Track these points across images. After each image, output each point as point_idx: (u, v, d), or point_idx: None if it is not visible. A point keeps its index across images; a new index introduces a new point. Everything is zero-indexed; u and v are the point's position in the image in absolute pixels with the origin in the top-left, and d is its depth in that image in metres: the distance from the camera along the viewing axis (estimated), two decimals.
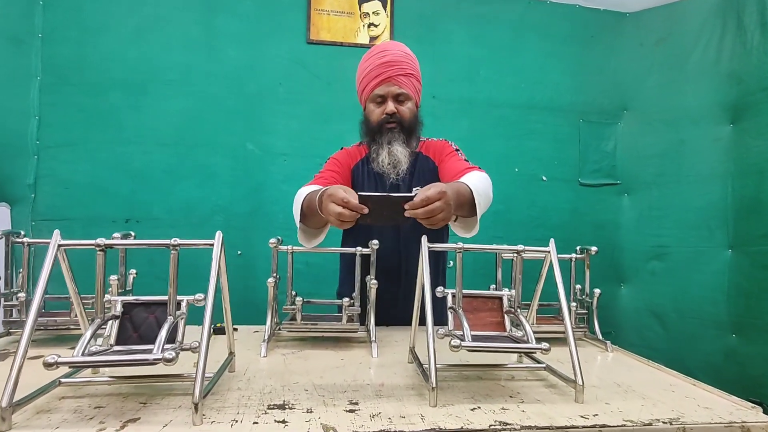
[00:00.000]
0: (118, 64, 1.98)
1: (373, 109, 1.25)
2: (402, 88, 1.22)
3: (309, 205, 1.07)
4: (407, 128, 1.25)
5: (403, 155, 1.22)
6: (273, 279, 1.02)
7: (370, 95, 1.24)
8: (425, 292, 0.78)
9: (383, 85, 1.21)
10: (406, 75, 1.23)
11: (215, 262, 0.72)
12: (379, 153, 1.23)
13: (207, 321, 0.68)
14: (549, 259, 0.83)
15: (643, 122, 2.28)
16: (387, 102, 1.22)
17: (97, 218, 1.95)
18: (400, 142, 1.23)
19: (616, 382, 0.84)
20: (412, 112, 1.26)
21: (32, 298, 0.96)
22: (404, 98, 1.24)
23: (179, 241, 0.74)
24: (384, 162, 1.22)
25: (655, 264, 2.21)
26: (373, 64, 1.22)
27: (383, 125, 1.23)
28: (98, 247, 0.73)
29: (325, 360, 0.94)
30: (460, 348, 0.73)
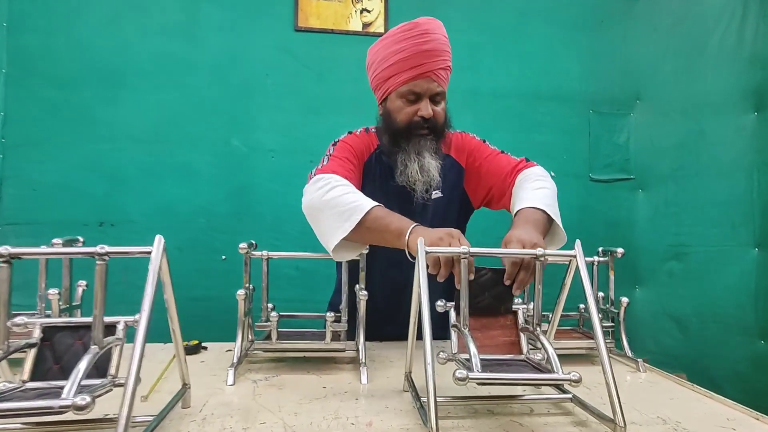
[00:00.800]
0: (91, 55, 1.83)
1: (401, 106, 1.02)
2: (441, 85, 1.02)
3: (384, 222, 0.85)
4: (440, 133, 1.05)
5: (436, 170, 1.02)
6: (244, 291, 0.87)
7: (400, 88, 1.01)
8: (422, 306, 0.62)
9: (422, 80, 0.99)
10: (446, 68, 1.03)
11: (153, 273, 0.57)
12: (408, 165, 1.02)
13: (138, 348, 0.52)
14: (575, 265, 0.67)
15: (659, 112, 2.12)
16: (423, 102, 1.00)
17: (68, 221, 1.80)
18: (431, 153, 1.02)
19: (660, 417, 0.68)
20: (445, 112, 1.06)
21: None
22: (440, 98, 1.04)
23: (108, 249, 0.58)
24: (415, 178, 1.01)
25: (674, 265, 2.04)
26: (413, 49, 0.97)
27: (413, 130, 1.02)
28: (1, 258, 0.57)
29: (304, 388, 0.78)
30: (467, 381, 0.57)
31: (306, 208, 0.94)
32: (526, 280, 0.73)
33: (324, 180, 0.93)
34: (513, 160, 1.10)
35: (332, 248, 0.87)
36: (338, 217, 0.87)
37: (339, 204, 0.87)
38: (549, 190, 0.98)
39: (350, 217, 0.85)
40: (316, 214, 0.91)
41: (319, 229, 0.91)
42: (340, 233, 0.85)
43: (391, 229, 0.84)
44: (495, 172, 1.09)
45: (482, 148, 1.14)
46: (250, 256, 0.91)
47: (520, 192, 0.98)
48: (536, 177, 1.01)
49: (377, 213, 0.86)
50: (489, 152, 1.13)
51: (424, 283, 0.63)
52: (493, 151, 1.14)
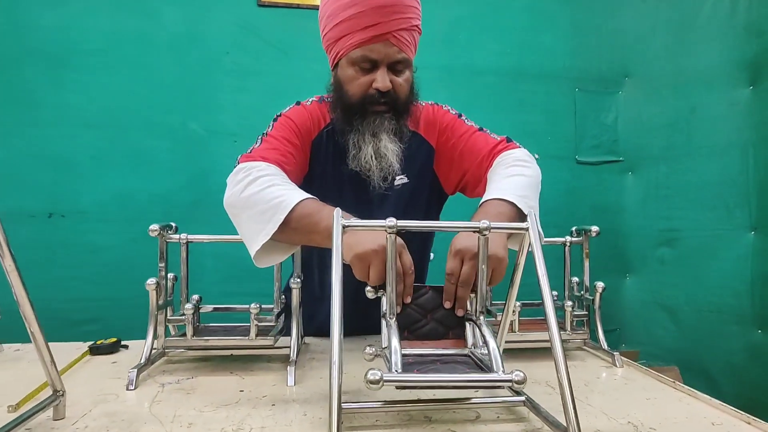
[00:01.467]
0: (33, 33, 1.69)
1: (354, 75, 0.84)
2: (403, 51, 0.83)
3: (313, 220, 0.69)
4: (401, 111, 0.87)
5: (395, 155, 0.86)
6: (155, 280, 0.74)
7: (351, 53, 0.83)
8: (334, 294, 0.50)
9: (378, 44, 0.81)
10: (410, 28, 0.83)
11: None
12: (362, 147, 0.86)
13: None
14: (528, 240, 0.55)
15: (648, 89, 1.99)
16: (379, 71, 0.82)
17: (14, 213, 1.66)
18: (390, 135, 0.86)
19: (632, 423, 0.56)
20: (409, 84, 0.88)
21: None
22: (403, 66, 0.85)
23: None
24: (369, 164, 0.86)
25: (665, 251, 1.93)
26: (367, 3, 0.79)
27: (368, 105, 0.85)
28: None
29: (217, 392, 0.66)
30: (381, 384, 0.45)
31: (227, 206, 0.78)
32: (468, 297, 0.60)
33: (245, 170, 0.76)
34: (492, 140, 0.92)
35: (254, 254, 0.73)
36: (259, 217, 0.71)
37: (260, 201, 0.72)
38: (527, 177, 0.82)
39: (272, 217, 0.70)
40: (238, 213, 0.75)
41: (240, 231, 0.76)
42: (261, 237, 0.70)
43: (320, 230, 0.68)
44: (470, 154, 0.91)
45: (457, 125, 0.96)
46: (166, 240, 0.79)
47: (492, 179, 0.83)
48: (514, 161, 0.84)
49: (304, 210, 0.70)
50: (465, 130, 0.95)
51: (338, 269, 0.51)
52: (469, 128, 0.96)
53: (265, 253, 0.73)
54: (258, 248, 0.71)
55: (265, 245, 0.71)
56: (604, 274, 1.96)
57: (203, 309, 0.87)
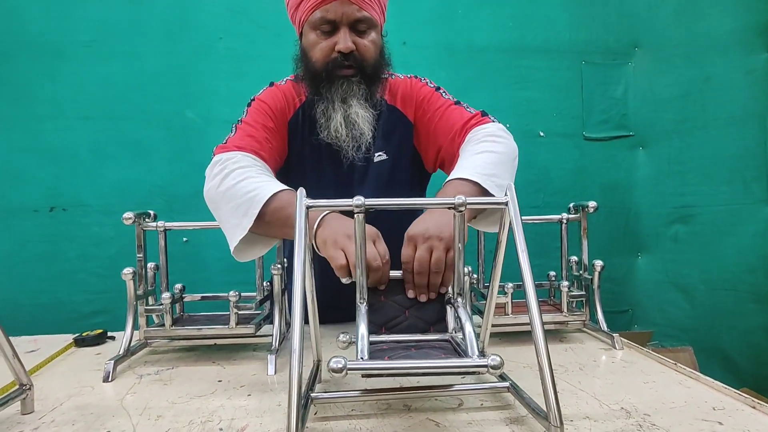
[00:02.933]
0: (27, 26, 1.67)
1: (316, 40, 0.81)
2: (363, 9, 0.79)
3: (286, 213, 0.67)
4: (370, 74, 0.83)
5: (366, 121, 0.82)
6: (131, 269, 0.72)
7: (311, 17, 0.79)
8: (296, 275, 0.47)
9: (334, 3, 0.77)
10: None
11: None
12: (330, 116, 0.82)
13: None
14: (507, 217, 0.51)
15: (659, 59, 1.90)
16: (340, 32, 0.79)
17: (16, 209, 1.68)
18: (360, 101, 0.82)
19: (625, 408, 0.52)
20: (377, 46, 0.84)
21: None
22: (366, 26, 0.81)
23: None
24: (339, 132, 0.83)
25: (679, 228, 1.85)
26: None
27: (333, 70, 0.81)
28: None
29: (194, 384, 0.64)
30: (344, 373, 0.42)
31: (206, 200, 0.77)
32: (428, 282, 0.57)
33: (221, 163, 0.75)
34: (466, 114, 0.87)
35: (233, 249, 0.71)
36: (235, 212, 0.70)
37: (235, 195, 0.70)
38: (497, 154, 0.76)
39: (248, 211, 0.68)
40: (216, 207, 0.75)
41: (222, 226, 0.74)
42: (239, 232, 0.69)
43: (293, 223, 0.66)
44: (444, 128, 0.87)
45: (434, 99, 0.91)
46: (143, 228, 0.77)
47: (461, 157, 0.78)
48: (485, 137, 0.79)
49: (278, 203, 0.68)
50: (441, 104, 0.90)
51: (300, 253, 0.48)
52: (445, 101, 0.90)
53: (247, 246, 0.71)
54: (236, 243, 0.70)
55: (245, 239, 0.69)
56: (615, 253, 1.93)
57: (191, 298, 0.85)
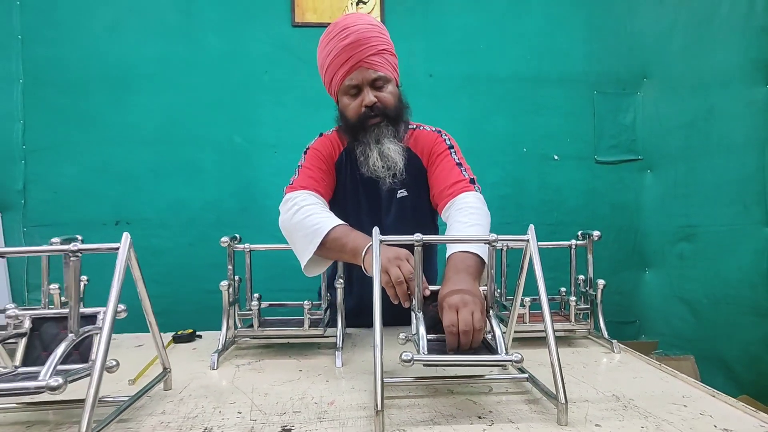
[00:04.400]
0: (97, 61, 1.92)
1: (348, 102, 1.04)
2: (378, 70, 1.01)
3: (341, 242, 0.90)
4: (394, 117, 1.04)
5: (397, 153, 1.02)
6: (227, 282, 0.92)
7: (341, 86, 1.03)
8: (375, 291, 0.65)
9: (355, 72, 1.00)
10: (379, 53, 1.01)
11: (120, 267, 0.62)
12: (368, 155, 1.03)
13: (105, 336, 0.58)
14: (528, 250, 0.69)
15: (666, 89, 2.05)
16: (364, 91, 1.01)
17: (87, 222, 1.91)
18: (390, 138, 1.02)
19: (615, 395, 0.69)
20: (394, 95, 1.05)
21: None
22: (383, 82, 1.03)
23: (80, 246, 0.64)
24: (376, 165, 1.02)
25: (684, 246, 2.00)
26: (337, 47, 1.00)
27: (365, 121, 1.03)
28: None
29: (281, 372, 0.83)
30: (412, 363, 0.60)
31: (281, 229, 1.02)
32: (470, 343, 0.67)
33: (292, 201, 1.01)
34: (459, 177, 1.04)
35: (303, 268, 0.97)
36: (303, 239, 0.94)
37: (303, 227, 0.95)
38: (482, 227, 0.92)
39: (312, 240, 0.92)
40: (288, 235, 1.00)
41: (294, 248, 0.99)
42: (306, 255, 0.94)
43: (347, 250, 0.89)
44: (440, 180, 1.05)
45: (443, 154, 1.09)
46: (233, 249, 0.96)
47: (453, 226, 0.94)
48: (470, 210, 0.95)
49: (336, 234, 0.92)
50: (446, 161, 1.08)
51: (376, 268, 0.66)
52: (450, 161, 1.08)
53: (311, 264, 0.95)
54: (305, 263, 0.95)
55: (311, 260, 0.93)
56: (624, 268, 2.08)
57: (271, 304, 1.05)
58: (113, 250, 0.63)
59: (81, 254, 0.64)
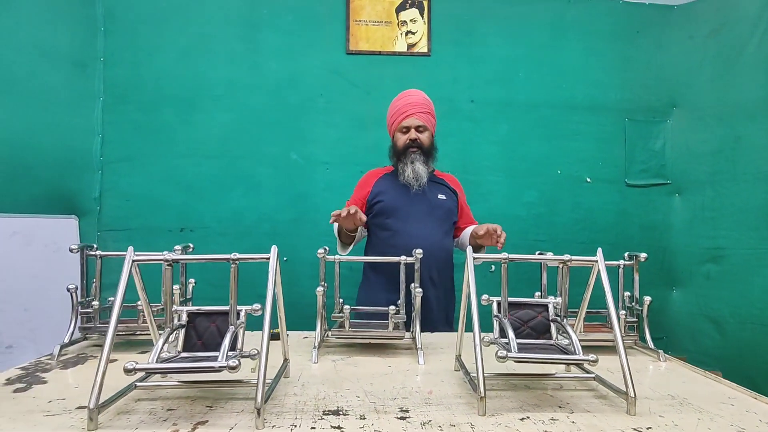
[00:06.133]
0: (170, 82, 2.11)
1: (399, 137, 1.59)
2: (421, 121, 1.56)
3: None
4: (426, 151, 1.58)
5: (423, 171, 1.55)
6: (322, 288, 1.07)
7: (398, 126, 1.58)
8: (471, 300, 0.79)
9: (408, 119, 1.55)
10: (425, 113, 1.57)
11: (272, 274, 0.77)
12: (405, 170, 1.55)
13: (266, 329, 0.72)
14: (597, 269, 0.83)
15: (695, 119, 2.18)
16: (411, 131, 1.56)
17: (155, 228, 2.08)
18: (420, 162, 1.55)
19: (670, 394, 0.82)
20: (429, 139, 1.59)
21: (111, 305, 1.05)
22: (423, 129, 1.57)
23: (239, 256, 0.79)
24: (409, 176, 1.54)
25: (711, 267, 2.11)
26: (401, 104, 1.57)
27: (408, 149, 1.56)
28: (166, 262, 0.80)
29: (374, 367, 0.97)
30: (506, 359, 0.74)
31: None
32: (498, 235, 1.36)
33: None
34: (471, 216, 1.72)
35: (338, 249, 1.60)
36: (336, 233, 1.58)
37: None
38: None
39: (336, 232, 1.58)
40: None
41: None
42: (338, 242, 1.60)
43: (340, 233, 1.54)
44: (467, 218, 1.69)
45: (463, 194, 1.71)
46: (324, 260, 1.11)
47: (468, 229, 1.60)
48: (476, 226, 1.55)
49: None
50: (465, 202, 1.72)
51: (472, 284, 0.81)
52: (466, 204, 1.72)
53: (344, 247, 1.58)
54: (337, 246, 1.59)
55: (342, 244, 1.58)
56: (652, 286, 2.20)
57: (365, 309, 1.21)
58: (265, 259, 0.78)
59: (238, 262, 0.79)
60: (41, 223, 1.93)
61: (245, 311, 0.82)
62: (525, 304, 0.90)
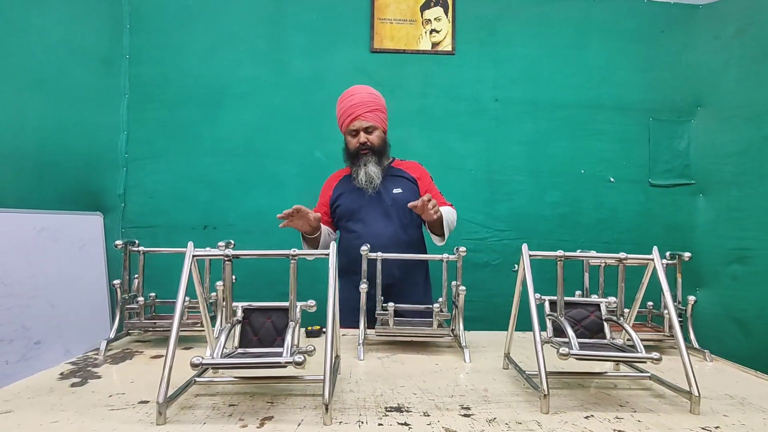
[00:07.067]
0: (195, 81, 2.11)
1: (350, 139, 1.56)
2: (369, 121, 1.51)
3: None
4: (377, 152, 1.54)
5: (375, 174, 1.51)
6: (365, 285, 1.07)
7: (347, 129, 1.54)
8: (530, 301, 0.79)
9: (355, 122, 1.51)
10: (372, 111, 1.53)
11: (332, 270, 0.77)
12: (358, 173, 1.52)
13: (330, 324, 0.72)
14: (652, 266, 0.82)
15: (720, 119, 2.17)
16: (360, 134, 1.52)
17: (178, 225, 2.09)
18: (373, 164, 1.52)
19: (728, 394, 0.82)
20: (380, 138, 1.55)
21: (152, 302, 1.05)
22: (372, 129, 1.53)
23: (297, 252, 0.79)
24: (362, 180, 1.51)
25: (737, 268, 2.09)
26: (346, 105, 1.53)
27: (359, 152, 1.53)
28: (226, 257, 0.80)
29: (421, 364, 0.97)
30: (569, 356, 0.73)
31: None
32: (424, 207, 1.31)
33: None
34: (443, 199, 1.60)
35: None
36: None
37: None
38: (450, 217, 1.51)
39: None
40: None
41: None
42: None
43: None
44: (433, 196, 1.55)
45: (426, 177, 1.63)
46: (367, 257, 1.11)
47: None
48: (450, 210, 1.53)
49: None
50: (431, 184, 1.63)
51: (530, 282, 0.80)
52: (434, 186, 1.63)
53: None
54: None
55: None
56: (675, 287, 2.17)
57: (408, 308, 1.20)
58: (324, 255, 0.78)
59: (297, 258, 0.79)
60: (67, 219, 1.94)
61: (300, 307, 0.82)
62: (577, 304, 0.90)
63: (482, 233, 2.14)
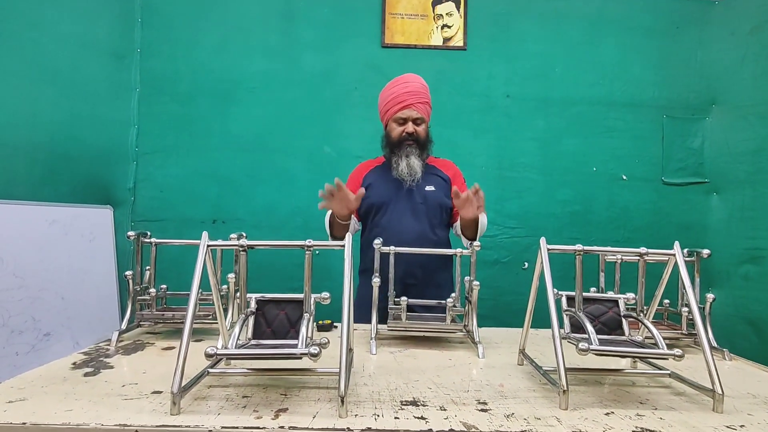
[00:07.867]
0: (206, 75, 2.11)
1: (395, 127, 1.49)
2: (420, 113, 1.47)
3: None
4: (422, 145, 1.49)
5: (418, 167, 1.47)
6: (378, 279, 1.06)
7: (394, 116, 1.48)
8: (549, 296, 0.78)
9: (406, 110, 1.46)
10: (423, 103, 1.48)
11: (348, 263, 0.76)
12: (399, 164, 1.47)
13: (345, 318, 0.71)
14: (673, 262, 0.81)
15: (735, 117, 2.14)
16: (408, 123, 1.47)
17: (187, 219, 2.09)
18: (416, 156, 1.47)
19: (750, 393, 0.80)
20: (426, 132, 1.51)
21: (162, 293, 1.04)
22: (421, 121, 1.49)
23: (313, 243, 0.78)
24: (403, 171, 1.46)
25: (749, 268, 2.06)
26: (399, 91, 1.47)
27: (403, 142, 1.48)
28: (241, 248, 0.79)
29: (434, 359, 0.96)
30: (588, 352, 0.72)
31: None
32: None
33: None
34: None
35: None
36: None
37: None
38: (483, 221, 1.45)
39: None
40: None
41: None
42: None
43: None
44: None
45: (460, 177, 1.60)
46: (380, 251, 1.10)
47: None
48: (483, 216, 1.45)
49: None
50: (463, 185, 1.56)
51: (548, 277, 0.79)
52: (465, 188, 1.53)
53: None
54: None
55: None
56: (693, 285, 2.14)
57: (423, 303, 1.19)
58: (340, 247, 0.77)
59: (312, 249, 0.78)
60: (78, 212, 1.94)
61: (314, 299, 0.81)
62: (595, 299, 0.88)
63: (492, 231, 2.13)
